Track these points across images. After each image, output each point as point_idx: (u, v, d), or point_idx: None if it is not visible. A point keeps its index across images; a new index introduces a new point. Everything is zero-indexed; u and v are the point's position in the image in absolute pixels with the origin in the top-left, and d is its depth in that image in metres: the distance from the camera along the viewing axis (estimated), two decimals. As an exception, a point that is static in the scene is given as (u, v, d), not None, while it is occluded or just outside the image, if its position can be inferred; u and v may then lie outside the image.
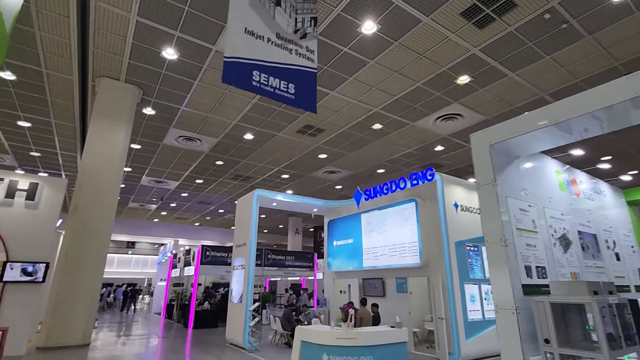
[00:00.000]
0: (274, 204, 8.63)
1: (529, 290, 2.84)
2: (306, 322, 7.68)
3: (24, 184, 6.53)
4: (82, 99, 8.99)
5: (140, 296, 26.73)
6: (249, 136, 11.28)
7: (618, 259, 4.11)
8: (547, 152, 4.13)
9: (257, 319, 7.09)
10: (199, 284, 14.48)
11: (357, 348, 4.92)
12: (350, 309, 5.36)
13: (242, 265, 7.53)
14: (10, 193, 6.35)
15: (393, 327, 5.48)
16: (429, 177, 6.80)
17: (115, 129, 7.90)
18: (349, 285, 8.74)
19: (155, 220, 25.81)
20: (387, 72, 7.96)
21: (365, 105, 9.42)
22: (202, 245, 12.35)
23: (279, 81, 3.90)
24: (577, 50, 7.22)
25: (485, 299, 6.43)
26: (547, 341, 2.53)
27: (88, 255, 6.97)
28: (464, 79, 8.20)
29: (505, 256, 2.74)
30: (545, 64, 7.68)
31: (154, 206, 21.57)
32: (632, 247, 4.47)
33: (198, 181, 16.39)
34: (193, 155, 13.02)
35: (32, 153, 13.01)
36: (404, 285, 7.52)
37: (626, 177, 14.47)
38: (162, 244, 29.28)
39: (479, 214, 7.99)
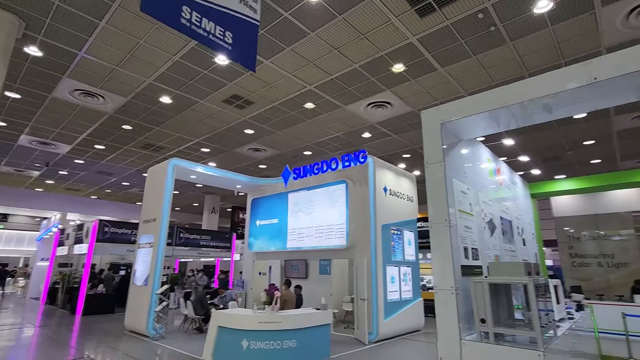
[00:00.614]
0: (193, 176, 7.73)
1: (466, 271, 2.88)
2: (222, 306, 7.16)
3: None
4: None
5: (12, 278, 22.56)
6: (166, 100, 9.96)
7: (524, 244, 4.57)
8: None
9: (165, 304, 6.31)
10: (94, 265, 12.62)
11: (281, 332, 4.65)
12: (276, 292, 5.04)
13: (149, 243, 6.58)
14: None
15: (318, 309, 5.35)
16: (362, 160, 6.77)
17: (-19, 65, 6.09)
18: (270, 266, 8.42)
19: (39, 189, 21.81)
20: (327, 48, 7.64)
21: (299, 81, 8.99)
22: (100, 220, 10.68)
23: (214, 25, 3.27)
24: (498, 54, 7.84)
25: (403, 280, 6.76)
26: (483, 321, 2.58)
27: None
28: (399, 68, 8.33)
29: (449, 236, 2.70)
30: (471, 63, 8.21)
31: (36, 173, 18.11)
32: (533, 234, 5.03)
33: (98, 147, 14.13)
34: (93, 115, 11.06)
35: None
36: (328, 267, 7.50)
37: (536, 171, 16.51)
38: (46, 218, 25.02)
39: (406, 199, 8.39)
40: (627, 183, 7.99)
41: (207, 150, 14.35)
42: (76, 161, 16.04)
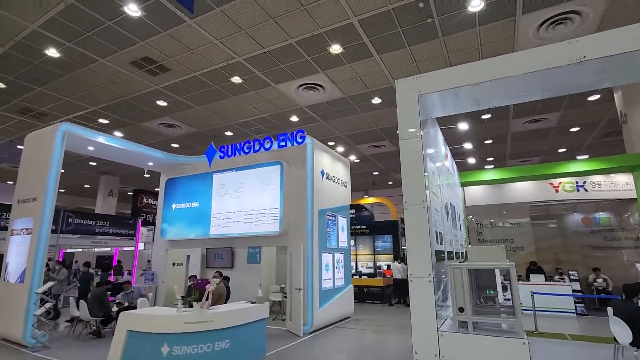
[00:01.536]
0: (91, 147, 6.24)
1: (438, 257, 2.70)
2: (127, 304, 6.00)
3: None
4: None
5: None
6: (53, 53, 7.98)
7: (460, 230, 4.74)
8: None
9: (49, 305, 4.91)
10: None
11: (211, 333, 3.98)
12: (208, 286, 4.27)
13: (27, 229, 5.07)
14: None
15: (254, 302, 4.77)
16: (299, 140, 6.31)
17: None
18: (188, 255, 7.42)
19: None
20: (263, 15, 6.90)
21: (228, 51, 8.04)
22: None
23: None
24: (429, 47, 8.11)
25: (336, 268, 6.59)
26: (461, 309, 2.43)
27: None
28: (336, 49, 8.02)
29: (426, 219, 2.47)
30: (404, 54, 8.34)
31: None
32: (461, 220, 5.29)
33: (-51, 107, 10.87)
34: (-60, 61, 8.34)
35: None
36: (257, 255, 6.90)
37: (471, 160, 17.61)
38: None
39: (340, 184, 8.20)
40: (535, 175, 9.22)
41: (106, 121, 12.23)
42: None
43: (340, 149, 15.33)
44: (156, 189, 24.71)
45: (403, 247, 12.68)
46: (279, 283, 7.25)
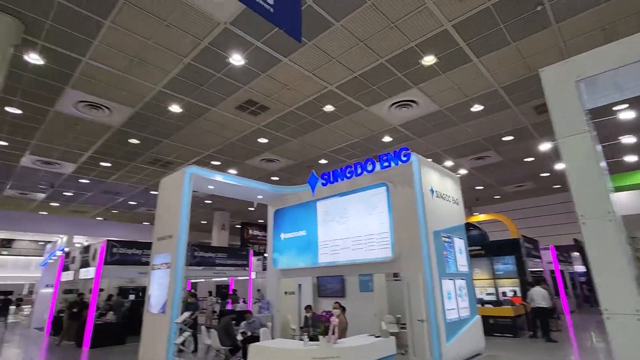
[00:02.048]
0: (211, 187, 6.97)
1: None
2: (250, 333, 6.26)
3: None
4: None
5: (15, 307, 21.62)
6: (175, 109, 9.30)
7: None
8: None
9: (187, 334, 5.41)
10: (101, 290, 11.76)
11: (339, 370, 3.78)
12: (333, 318, 4.15)
13: (166, 264, 5.76)
14: None
15: (378, 336, 4.46)
16: (404, 158, 5.99)
17: (-25, 71, 5.44)
18: (299, 285, 7.52)
19: (43, 212, 21.14)
20: (352, 40, 6.96)
21: (320, 81, 8.30)
22: (108, 240, 9.88)
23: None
24: (541, 40, 7.12)
25: (459, 296, 5.87)
26: None
27: None
28: (429, 60, 7.62)
29: (615, 236, 1.91)
30: (508, 52, 7.49)
31: (41, 195, 17.46)
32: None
33: (104, 164, 13.47)
34: (99, 129, 10.43)
35: None
36: (369, 283, 6.60)
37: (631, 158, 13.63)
38: (50, 242, 24.27)
39: (452, 202, 7.56)
40: None
41: (218, 163, 13.66)
42: (82, 181, 15.39)
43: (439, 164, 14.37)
44: (259, 221, 26.66)
45: (531, 269, 10.89)
46: (392, 313, 6.76)
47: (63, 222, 21.45)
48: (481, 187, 18.55)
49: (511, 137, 11.96)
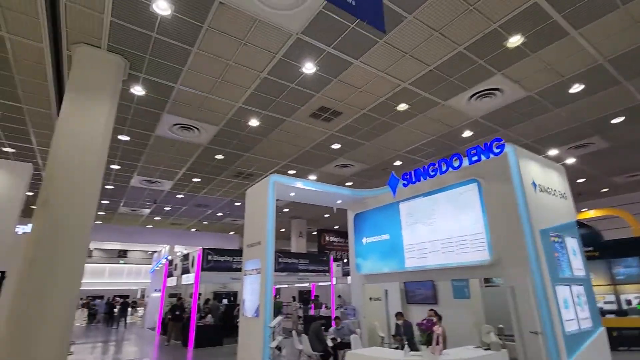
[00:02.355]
0: (292, 193, 7.19)
1: None
2: (339, 340, 6.24)
3: (-27, 169, 5.06)
4: (57, 76, 7.50)
5: (131, 309, 24.87)
6: (254, 123, 9.86)
7: None
8: None
9: (280, 338, 5.58)
10: (199, 294, 12.92)
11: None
12: (437, 327, 3.87)
13: (256, 269, 6.06)
14: (-47, 181, 4.87)
15: (487, 348, 4.05)
16: (496, 150, 5.43)
17: (95, 105, 6.40)
18: (386, 290, 7.28)
19: (149, 226, 24.14)
20: (426, 32, 6.61)
21: (392, 79, 8.05)
22: (203, 249, 10.82)
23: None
24: (661, -4, 5.95)
25: (577, 304, 5.06)
26: None
27: (62, 263, 5.44)
28: (515, 41, 6.88)
29: None
30: (616, 17, 6.40)
31: (147, 211, 19.95)
32: None
33: (195, 180, 14.88)
34: (190, 148, 11.55)
35: (5, 149, 11.42)
36: (465, 289, 6.09)
37: None
38: (156, 251, 27.54)
39: (559, 196, 6.69)
40: None
41: (294, 172, 14.11)
42: (177, 196, 17.20)
43: (530, 157, 12.89)
44: (335, 227, 26.90)
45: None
46: (490, 322, 6.11)
47: (165, 233, 24.23)
48: (583, 180, 16.15)
49: (622, 118, 10.21)
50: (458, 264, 5.86)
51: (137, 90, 8.09)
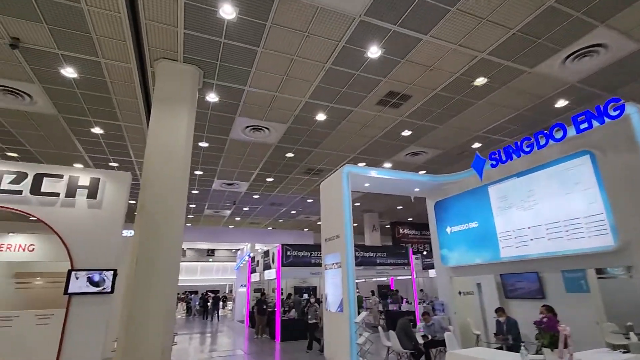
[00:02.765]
0: (366, 184, 6.94)
1: None
2: (430, 337, 5.83)
3: (84, 179, 5.78)
4: (144, 92, 8.28)
5: (222, 303, 27.00)
6: (321, 117, 9.80)
7: None
8: None
9: (367, 334, 5.36)
10: (281, 289, 13.41)
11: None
12: (563, 327, 3.26)
13: (337, 264, 5.96)
14: (71, 191, 5.62)
15: (625, 351, 3.37)
16: (614, 113, 4.51)
17: (177, 115, 6.90)
18: (478, 284, 6.62)
19: (231, 226, 25.90)
20: (506, -11, 5.81)
21: (468, 51, 7.29)
22: (282, 244, 11.14)
23: None
24: None
25: None
26: None
27: (160, 260, 5.96)
28: (623, -19, 5.69)
29: None
30: None
31: (228, 212, 21.38)
32: None
33: (268, 179, 15.46)
34: (262, 149, 11.98)
35: (111, 164, 13.09)
36: (582, 282, 5.19)
37: None
38: (239, 249, 29.49)
39: None
40: None
41: (363, 164, 13.81)
42: (254, 196, 18.08)
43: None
44: (409, 219, 25.91)
45: None
46: (614, 320, 5.14)
47: (245, 232, 25.82)
48: None
49: None
50: (570, 252, 4.98)
51: (212, 97, 8.56)
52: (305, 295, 14.43)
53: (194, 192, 16.85)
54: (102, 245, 5.64)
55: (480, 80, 8.33)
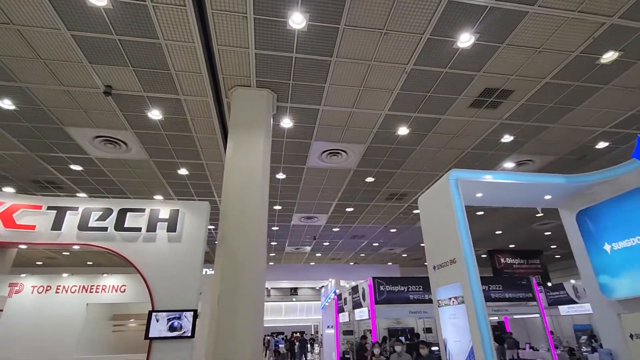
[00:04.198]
0: (478, 194, 5.55)
1: None
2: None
3: (164, 212, 5.54)
4: (222, 125, 8.25)
5: (310, 346, 25.71)
6: (403, 130, 8.77)
7: None
8: None
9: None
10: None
11: None
12: None
13: (456, 298, 4.59)
14: (152, 225, 5.39)
15: None
16: None
17: (253, 143, 6.49)
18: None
19: (312, 263, 25.24)
20: None
21: (590, 17, 5.76)
22: (374, 278, 9.90)
23: None
24: None
25: None
26: None
27: (245, 297, 5.28)
28: None
29: None
30: None
31: (308, 248, 20.83)
32: None
33: (348, 210, 14.57)
34: (340, 175, 11.25)
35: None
36: None
37: None
38: (322, 287, 28.43)
39: None
40: None
41: (454, 183, 12.13)
42: (334, 229, 17.26)
43: None
44: (510, 246, 22.35)
45: None
46: None
47: (326, 268, 24.85)
48: None
49: None
50: None
51: (286, 122, 8.19)
52: (403, 339, 12.57)
53: (274, 228, 16.68)
54: (182, 282, 5.23)
55: (608, 56, 6.58)
